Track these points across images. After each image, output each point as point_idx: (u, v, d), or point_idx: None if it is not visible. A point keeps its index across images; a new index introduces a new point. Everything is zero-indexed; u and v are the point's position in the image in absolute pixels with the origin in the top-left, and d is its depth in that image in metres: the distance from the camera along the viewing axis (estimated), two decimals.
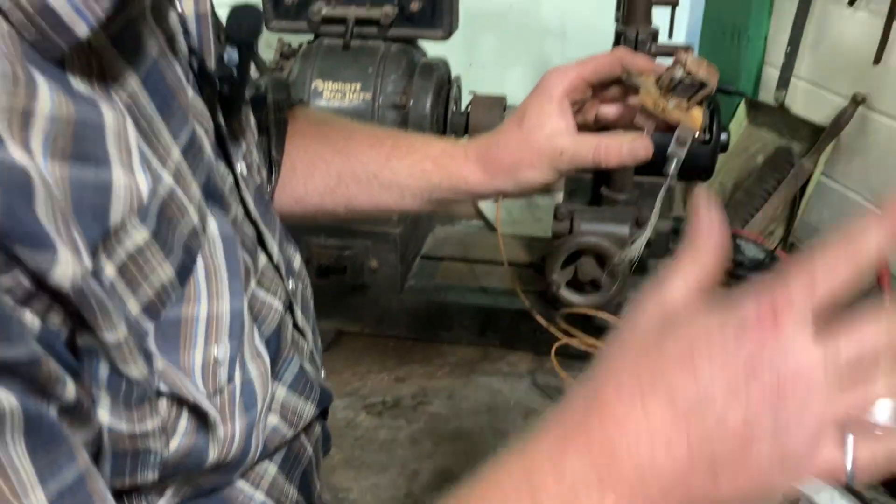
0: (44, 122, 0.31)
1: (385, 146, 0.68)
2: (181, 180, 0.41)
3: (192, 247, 0.41)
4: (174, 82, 0.43)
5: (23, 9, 0.31)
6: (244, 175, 0.51)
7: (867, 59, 1.35)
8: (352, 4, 1.16)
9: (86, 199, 0.33)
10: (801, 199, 1.49)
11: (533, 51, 1.74)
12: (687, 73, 0.59)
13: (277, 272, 0.54)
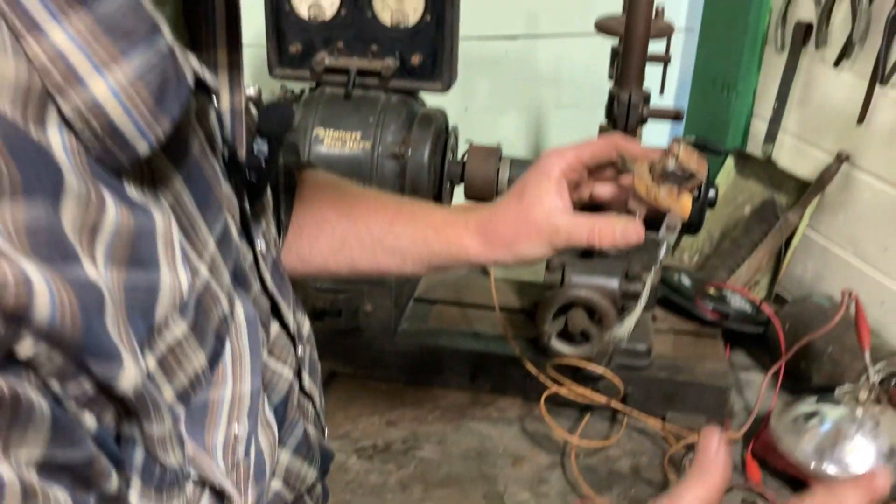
0: (108, 235, 0.34)
1: (389, 212, 0.71)
2: (215, 270, 0.43)
3: (222, 333, 0.43)
4: (211, 177, 0.45)
5: (92, 129, 0.34)
6: (263, 252, 0.54)
7: (851, 119, 1.39)
8: (354, 56, 1.19)
9: (137, 301, 0.35)
10: (786, 250, 1.52)
11: (528, 96, 1.78)
12: (678, 163, 0.62)
13: (290, 339, 0.57)
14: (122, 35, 0.34)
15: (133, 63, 0.34)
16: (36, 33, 0.32)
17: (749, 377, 1.36)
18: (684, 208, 0.66)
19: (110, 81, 0.34)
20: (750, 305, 1.39)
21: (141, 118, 0.35)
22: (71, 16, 0.33)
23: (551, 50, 1.73)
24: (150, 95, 0.35)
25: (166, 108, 0.36)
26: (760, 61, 1.62)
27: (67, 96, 0.33)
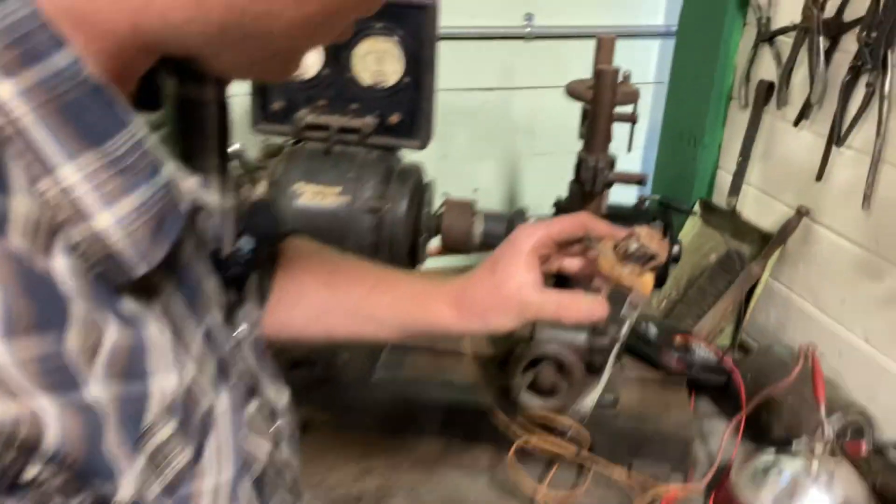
0: (106, 354, 0.37)
1: (368, 282, 0.75)
2: (201, 366, 0.47)
3: (206, 426, 0.46)
4: (200, 277, 0.49)
5: (95, 255, 0.37)
6: (245, 334, 0.57)
7: (810, 176, 1.45)
8: (335, 114, 1.24)
9: (129, 409, 0.39)
10: (750, 299, 1.58)
11: (503, 146, 1.83)
12: (640, 246, 0.67)
13: (269, 414, 0.60)
14: (127, 173, 0.38)
15: (136, 198, 0.38)
16: (49, 173, 0.36)
17: (713, 426, 1.40)
18: (646, 287, 0.70)
19: (115, 215, 0.37)
20: (714, 356, 1.43)
21: (140, 246, 0.38)
22: (81, 156, 0.36)
23: (526, 101, 1.79)
24: (149, 226, 0.39)
25: (164, 237, 0.40)
26: (725, 117, 1.68)
27: (74, 228, 0.36)
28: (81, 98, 0.36)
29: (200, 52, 0.43)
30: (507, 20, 1.71)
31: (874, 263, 1.35)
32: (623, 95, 1.16)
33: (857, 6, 1.33)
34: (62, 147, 0.36)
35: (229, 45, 0.42)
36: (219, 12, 0.39)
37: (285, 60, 0.47)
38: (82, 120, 0.37)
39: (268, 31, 0.41)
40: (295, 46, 0.46)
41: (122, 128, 0.38)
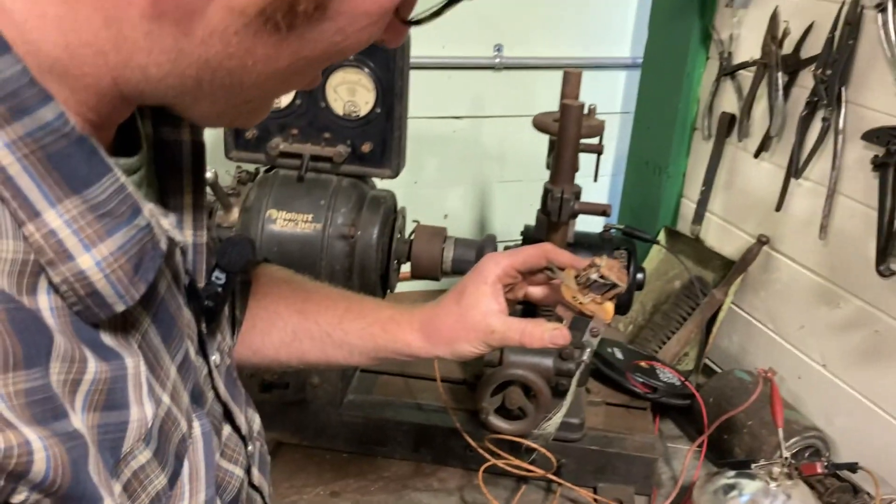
0: (87, 386, 0.39)
1: (339, 308, 0.78)
2: (175, 396, 0.49)
3: (181, 453, 0.49)
4: (175, 310, 0.51)
5: (77, 293, 0.40)
6: (217, 364, 0.59)
7: (770, 206, 1.50)
8: (307, 142, 1.26)
9: (108, 438, 0.41)
10: (713, 325, 1.62)
11: (473, 172, 1.87)
12: (600, 275, 0.70)
13: (242, 440, 0.62)
14: (107, 217, 0.40)
15: (116, 240, 0.41)
16: (34, 217, 0.38)
17: (677, 447, 1.44)
18: (607, 314, 0.74)
19: (96, 256, 0.40)
20: (678, 379, 1.47)
21: (120, 284, 0.41)
22: (65, 201, 0.39)
23: (496, 129, 1.83)
24: (129, 266, 0.41)
25: (143, 275, 0.42)
26: (689, 147, 1.74)
27: (57, 268, 0.39)
28: (66, 148, 0.39)
29: (176, 102, 0.46)
30: (478, 51, 1.75)
31: (830, 291, 1.40)
32: (588, 128, 1.20)
33: (813, 44, 1.39)
34: (47, 194, 0.38)
35: (203, 97, 0.45)
36: (194, 68, 0.42)
37: (256, 108, 0.49)
38: (66, 168, 0.39)
39: (239, 84, 0.44)
40: (266, 95, 0.48)
41: (104, 175, 0.41)
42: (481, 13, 1.72)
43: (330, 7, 0.42)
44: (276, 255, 1.22)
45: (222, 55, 0.42)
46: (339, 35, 0.44)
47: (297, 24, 0.42)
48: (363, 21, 0.44)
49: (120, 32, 0.40)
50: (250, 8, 0.40)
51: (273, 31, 0.41)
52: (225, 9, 0.40)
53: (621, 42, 1.89)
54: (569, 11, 1.81)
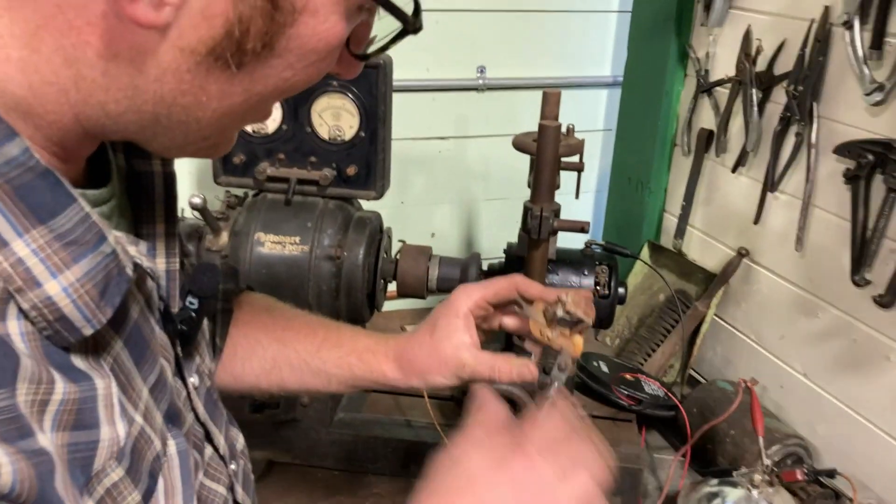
0: (55, 406, 0.42)
1: (318, 337, 0.80)
2: (148, 416, 0.51)
3: (155, 471, 0.51)
4: (148, 333, 0.53)
5: (45, 318, 0.42)
6: (196, 385, 0.62)
7: (749, 219, 1.54)
8: (294, 166, 1.29)
9: (78, 457, 0.43)
10: (696, 337, 1.65)
11: (459, 191, 1.91)
12: (567, 312, 0.73)
13: (222, 460, 0.64)
14: (73, 245, 0.43)
15: (82, 266, 0.43)
16: (2, 247, 0.41)
17: (663, 457, 1.46)
18: (576, 348, 0.76)
19: (63, 282, 0.42)
20: (662, 391, 1.50)
21: (87, 309, 0.43)
22: (32, 231, 0.42)
23: (480, 149, 1.87)
24: (95, 290, 0.44)
25: (109, 299, 0.45)
26: (670, 163, 1.77)
27: (26, 295, 0.41)
28: (31, 181, 0.42)
29: (137, 136, 0.48)
30: (461, 73, 1.79)
31: (809, 301, 1.43)
32: (568, 147, 1.23)
33: (785, 61, 1.43)
34: (14, 224, 0.41)
35: (162, 131, 0.47)
36: (150, 104, 0.45)
37: (217, 141, 0.52)
38: (32, 200, 0.42)
39: (196, 120, 0.47)
40: (223, 130, 0.51)
41: (68, 205, 0.43)
42: (465, 36, 1.76)
43: (277, 45, 0.44)
44: (264, 277, 1.25)
45: (176, 92, 0.44)
46: (288, 71, 0.46)
47: (246, 61, 0.44)
48: (311, 57, 0.47)
49: (79, 72, 0.43)
50: (200, 47, 0.43)
51: (224, 69, 0.44)
52: (176, 48, 0.43)
53: (602, 61, 1.93)
54: (550, 33, 1.85)
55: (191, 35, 0.42)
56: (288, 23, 0.44)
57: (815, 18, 1.33)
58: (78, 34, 0.42)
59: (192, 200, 1.19)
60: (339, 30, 0.47)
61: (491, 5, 1.76)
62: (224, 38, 0.43)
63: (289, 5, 0.43)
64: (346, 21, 0.47)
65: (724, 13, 1.56)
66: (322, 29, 0.46)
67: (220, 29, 0.42)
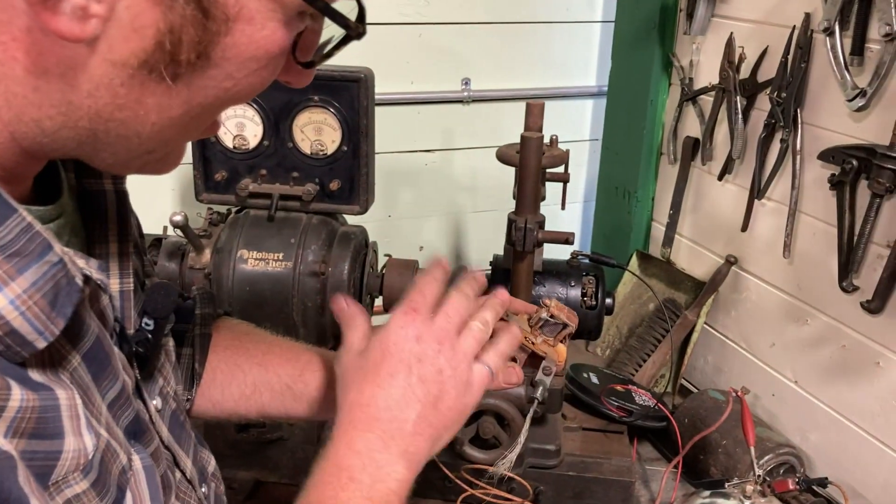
0: (12, 413, 0.41)
1: (300, 361, 0.79)
2: (110, 430, 0.50)
3: (122, 484, 0.50)
4: (108, 349, 0.52)
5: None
6: (159, 408, 0.61)
7: (736, 227, 1.53)
8: (276, 182, 1.28)
9: (34, 465, 0.42)
10: (687, 345, 1.64)
11: (447, 203, 1.90)
12: (551, 315, 0.73)
13: (190, 483, 0.63)
14: (16, 256, 0.42)
15: (27, 277, 0.42)
16: None
17: (655, 469, 1.45)
18: (560, 354, 0.76)
19: (9, 295, 0.41)
20: (652, 402, 1.49)
21: (38, 321, 0.42)
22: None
23: (466, 161, 1.86)
24: (45, 301, 0.43)
25: (60, 310, 0.44)
26: (657, 171, 1.77)
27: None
28: None
29: (77, 152, 0.47)
30: (446, 85, 1.79)
31: (798, 308, 1.43)
32: (552, 158, 1.23)
33: (768, 68, 1.42)
34: None
35: (102, 147, 0.46)
36: (86, 120, 0.44)
37: (163, 155, 0.51)
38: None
39: (136, 134, 0.46)
40: (167, 142, 0.49)
41: (8, 217, 0.42)
42: (449, 49, 1.76)
43: (213, 55, 0.43)
44: (248, 295, 1.24)
45: (112, 106, 0.43)
46: (228, 81, 0.45)
47: (181, 73, 0.43)
48: (252, 66, 0.45)
49: (8, 89, 0.42)
50: (132, 60, 0.42)
51: (159, 81, 0.43)
52: (107, 62, 0.42)
53: (587, 72, 1.93)
54: (535, 44, 1.84)
55: (121, 48, 0.41)
56: (222, 31, 0.43)
57: (797, 25, 1.33)
58: (4, 50, 0.41)
59: (173, 218, 1.18)
60: (278, 37, 0.45)
61: (474, 17, 1.76)
62: (156, 50, 0.42)
63: (221, 14, 0.42)
64: (286, 28, 0.46)
65: (707, 21, 1.56)
66: (260, 37, 0.44)
67: (150, 40, 0.41)
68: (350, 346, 0.69)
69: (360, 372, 0.65)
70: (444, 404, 0.65)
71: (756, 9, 1.45)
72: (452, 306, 0.67)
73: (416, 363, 0.64)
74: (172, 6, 0.41)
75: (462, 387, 0.66)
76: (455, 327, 0.66)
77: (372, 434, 0.62)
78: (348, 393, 0.65)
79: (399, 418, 0.62)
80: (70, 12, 0.39)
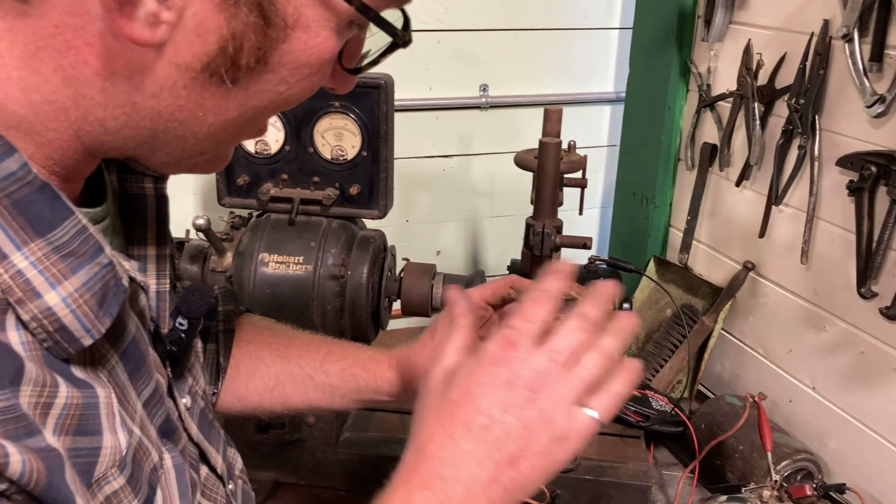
0: (59, 410, 0.42)
1: (321, 352, 0.81)
2: (144, 428, 0.52)
3: (153, 481, 0.51)
4: (144, 349, 0.54)
5: (45, 329, 0.43)
6: (188, 406, 0.62)
7: (754, 233, 1.53)
8: (297, 187, 1.30)
9: (79, 461, 0.44)
10: (704, 351, 1.64)
11: (464, 208, 1.91)
12: None
13: (220, 479, 0.64)
14: (70, 257, 0.44)
15: (80, 277, 0.44)
16: (2, 260, 0.41)
17: (672, 474, 1.45)
18: None
19: (61, 293, 0.43)
20: (669, 407, 1.49)
21: (87, 319, 0.44)
22: (30, 244, 0.42)
23: (484, 166, 1.87)
24: (94, 301, 0.44)
25: (107, 310, 0.45)
26: (674, 177, 1.77)
27: (26, 306, 0.42)
28: (29, 195, 0.43)
29: (136, 152, 0.49)
30: (464, 91, 1.80)
31: (816, 314, 1.43)
32: (569, 163, 1.24)
33: (786, 74, 1.43)
34: (13, 238, 0.42)
35: (159, 147, 0.48)
36: (148, 120, 0.46)
37: (214, 157, 0.53)
38: (30, 214, 0.43)
39: (193, 134, 0.48)
40: (220, 144, 0.52)
41: (66, 218, 0.44)
42: (467, 55, 1.78)
43: (271, 60, 0.45)
44: (268, 298, 1.26)
45: (173, 107, 0.45)
46: (282, 85, 0.47)
47: (240, 76, 0.45)
48: (305, 71, 0.47)
49: (78, 90, 0.44)
50: (195, 63, 0.44)
51: (219, 84, 0.45)
52: (172, 65, 0.43)
53: (605, 78, 1.93)
54: (553, 50, 1.86)
55: (186, 52, 0.43)
56: (280, 38, 0.45)
57: (815, 32, 1.34)
58: (76, 54, 0.42)
59: (196, 222, 1.20)
60: (330, 44, 0.47)
61: (493, 24, 1.77)
62: (218, 54, 0.43)
63: (281, 21, 0.44)
64: (338, 36, 0.48)
65: (725, 28, 1.56)
66: (314, 44, 0.46)
67: (214, 45, 0.43)
68: (441, 363, 0.59)
69: (438, 407, 0.56)
70: (527, 463, 0.54)
71: (774, 16, 1.45)
72: (564, 340, 0.55)
73: (500, 414, 0.53)
74: (236, 14, 0.43)
75: (553, 442, 0.54)
76: (560, 367, 0.54)
77: (431, 493, 0.53)
78: (421, 428, 0.57)
79: (465, 478, 0.53)
80: (143, 18, 0.41)
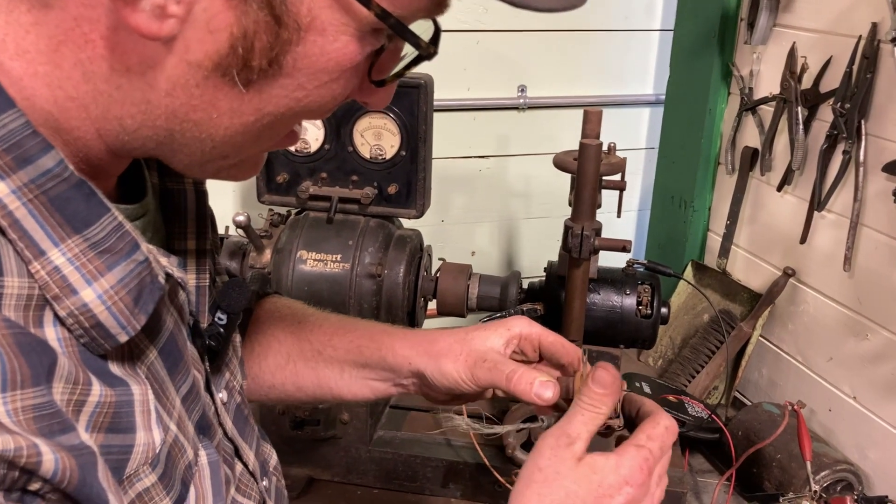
0: (91, 408, 0.43)
1: (332, 327, 0.79)
2: (181, 425, 0.52)
3: (187, 479, 0.52)
4: (182, 344, 0.54)
5: (82, 325, 0.43)
6: (224, 401, 0.62)
7: (795, 238, 1.51)
8: (336, 185, 1.31)
9: (110, 458, 0.44)
10: (741, 358, 1.62)
11: (500, 209, 1.91)
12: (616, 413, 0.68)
13: (252, 476, 0.65)
14: (106, 254, 0.44)
15: (116, 274, 0.44)
16: (39, 256, 0.42)
17: (707, 481, 1.43)
18: None
19: (97, 290, 0.43)
20: (706, 413, 1.47)
21: (122, 315, 0.44)
22: (67, 241, 0.43)
23: (521, 167, 1.87)
24: (130, 298, 0.45)
25: (143, 307, 0.46)
26: (714, 181, 1.75)
27: (62, 302, 0.43)
28: (66, 192, 0.43)
29: (156, 152, 0.49)
30: (502, 92, 1.80)
31: (858, 322, 1.40)
32: (609, 166, 1.23)
33: (831, 78, 1.40)
34: (50, 234, 0.42)
35: (178, 148, 0.48)
36: (163, 119, 0.46)
37: (238, 162, 0.52)
38: (67, 210, 0.43)
39: (210, 137, 0.47)
40: (240, 150, 0.50)
41: (102, 215, 0.45)
42: (505, 56, 1.77)
43: (284, 63, 0.44)
44: (306, 295, 1.26)
45: (187, 107, 0.45)
46: (300, 91, 0.46)
47: (253, 78, 0.45)
48: (323, 77, 0.46)
49: (96, 87, 0.44)
50: (206, 62, 0.43)
51: (232, 85, 0.45)
52: (183, 62, 0.43)
53: (644, 80, 1.92)
54: (592, 51, 1.85)
55: (197, 49, 0.43)
56: (293, 40, 0.44)
57: (863, 35, 1.31)
58: (93, 48, 0.43)
59: (236, 219, 1.22)
60: (350, 51, 0.46)
61: (532, 25, 1.77)
62: (229, 53, 0.43)
63: (293, 22, 0.43)
64: (360, 43, 0.46)
65: (768, 31, 1.54)
66: (332, 49, 0.45)
67: (224, 44, 0.43)
68: (566, 435, 0.62)
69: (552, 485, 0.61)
70: None
71: (820, 18, 1.43)
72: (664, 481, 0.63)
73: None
74: (247, 11, 0.42)
75: None
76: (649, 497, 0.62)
77: None
78: None
79: None
80: (149, 10, 0.41)
